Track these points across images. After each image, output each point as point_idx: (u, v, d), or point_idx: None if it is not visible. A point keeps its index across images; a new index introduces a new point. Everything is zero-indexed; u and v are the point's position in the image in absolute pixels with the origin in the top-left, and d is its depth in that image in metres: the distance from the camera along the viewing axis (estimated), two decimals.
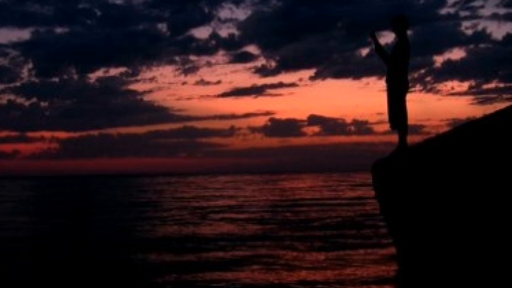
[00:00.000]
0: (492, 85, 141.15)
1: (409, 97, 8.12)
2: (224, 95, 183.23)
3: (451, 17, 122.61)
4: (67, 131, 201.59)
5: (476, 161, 6.62)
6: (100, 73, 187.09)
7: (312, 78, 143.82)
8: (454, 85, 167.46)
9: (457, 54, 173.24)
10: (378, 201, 8.46)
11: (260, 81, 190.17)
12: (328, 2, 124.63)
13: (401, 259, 8.14)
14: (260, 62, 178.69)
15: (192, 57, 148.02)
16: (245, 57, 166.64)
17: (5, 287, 7.37)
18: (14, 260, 9.37)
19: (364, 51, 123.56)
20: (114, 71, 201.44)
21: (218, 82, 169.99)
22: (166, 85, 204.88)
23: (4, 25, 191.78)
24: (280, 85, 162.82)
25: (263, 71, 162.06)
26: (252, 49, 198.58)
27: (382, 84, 8.28)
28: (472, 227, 6.62)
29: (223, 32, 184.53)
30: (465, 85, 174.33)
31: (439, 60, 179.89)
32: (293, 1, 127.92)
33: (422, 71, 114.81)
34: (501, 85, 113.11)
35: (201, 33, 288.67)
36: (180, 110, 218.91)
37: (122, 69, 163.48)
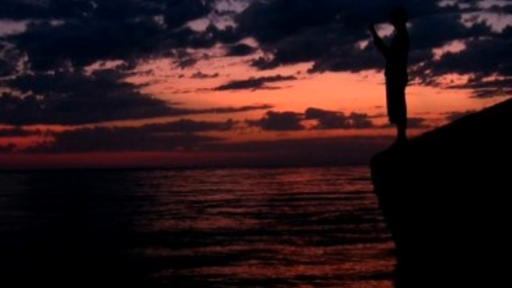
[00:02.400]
0: (492, 78, 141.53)
1: (408, 90, 8.08)
2: (222, 88, 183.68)
3: (450, 9, 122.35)
4: (63, 125, 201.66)
5: (476, 155, 6.57)
6: (96, 66, 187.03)
7: (310, 71, 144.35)
8: (454, 78, 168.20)
9: (456, 46, 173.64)
10: (377, 195, 8.42)
11: (257, 74, 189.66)
12: None
13: (400, 254, 8.11)
14: (258, 55, 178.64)
15: (189, 50, 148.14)
16: (243, 50, 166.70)
17: (1, 282, 7.30)
18: (9, 255, 9.31)
19: (363, 44, 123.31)
20: (110, 64, 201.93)
21: (216, 75, 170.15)
22: (163, 78, 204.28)
23: None
24: (278, 78, 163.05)
25: (260, 64, 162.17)
26: (249, 41, 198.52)
27: (381, 77, 8.24)
28: (471, 221, 6.58)
29: (221, 25, 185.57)
30: (464, 78, 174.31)
31: (438, 53, 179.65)
32: None
33: (421, 64, 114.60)
34: (501, 78, 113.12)
35: (198, 25, 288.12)
36: (177, 103, 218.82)
37: (118, 62, 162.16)
